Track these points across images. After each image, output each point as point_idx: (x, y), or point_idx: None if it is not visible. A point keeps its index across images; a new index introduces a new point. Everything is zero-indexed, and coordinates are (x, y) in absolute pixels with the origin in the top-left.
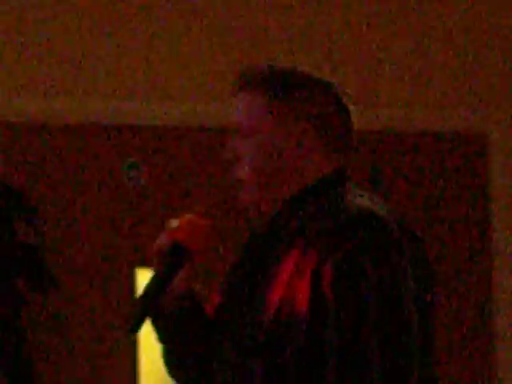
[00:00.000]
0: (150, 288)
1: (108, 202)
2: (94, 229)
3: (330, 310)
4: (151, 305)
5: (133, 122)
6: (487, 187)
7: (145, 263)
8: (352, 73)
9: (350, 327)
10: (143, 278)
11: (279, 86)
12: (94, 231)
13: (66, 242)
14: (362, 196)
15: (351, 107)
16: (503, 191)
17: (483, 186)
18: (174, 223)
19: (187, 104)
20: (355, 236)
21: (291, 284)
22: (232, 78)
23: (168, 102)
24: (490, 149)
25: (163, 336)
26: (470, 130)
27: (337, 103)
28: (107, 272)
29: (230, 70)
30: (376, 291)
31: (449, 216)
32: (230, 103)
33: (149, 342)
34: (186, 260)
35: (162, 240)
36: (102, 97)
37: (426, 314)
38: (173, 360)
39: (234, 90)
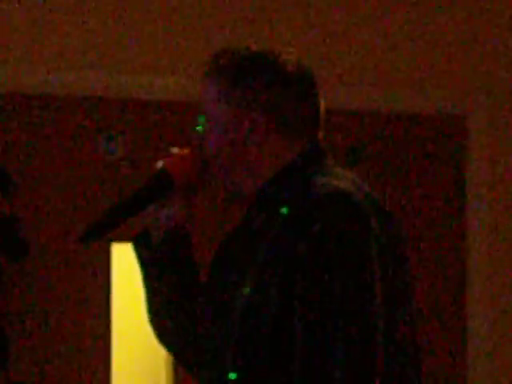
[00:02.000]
0: (120, 203)
1: (84, 174)
2: (69, 202)
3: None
4: (116, 219)
5: (111, 95)
6: (465, 169)
7: (120, 238)
8: (333, 52)
9: (315, 311)
10: (118, 252)
11: (234, 74)
12: (70, 204)
13: (41, 214)
14: (337, 175)
15: (316, 90)
16: (481, 173)
17: (461, 168)
18: (171, 153)
19: (167, 77)
20: (322, 219)
21: (264, 272)
22: (209, 52)
23: (148, 75)
24: (469, 131)
25: (148, 274)
26: (449, 111)
27: (298, 88)
28: (82, 246)
29: (209, 44)
30: (341, 273)
31: (426, 198)
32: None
33: (122, 314)
34: (167, 187)
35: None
36: (80, 68)
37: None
38: (153, 305)
39: (201, 76)
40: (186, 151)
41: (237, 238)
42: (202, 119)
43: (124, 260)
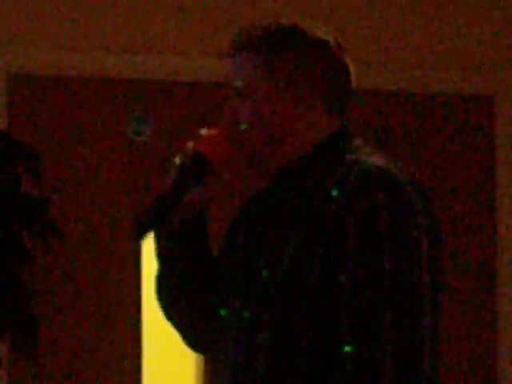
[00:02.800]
0: (164, 195)
1: (114, 157)
2: (98, 183)
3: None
4: (164, 212)
5: (139, 76)
6: (494, 149)
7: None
8: (359, 33)
9: (365, 288)
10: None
11: (276, 46)
12: (99, 186)
13: (72, 197)
14: (373, 154)
15: (350, 65)
16: (510, 153)
17: (489, 148)
18: (201, 135)
19: (195, 59)
20: (371, 196)
21: (305, 245)
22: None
23: (175, 56)
24: (497, 111)
25: (163, 252)
26: (476, 92)
27: (336, 62)
28: (112, 228)
29: (237, 24)
30: (391, 254)
31: (455, 179)
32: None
33: (152, 299)
34: (206, 171)
35: (185, 151)
36: (108, 50)
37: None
38: (167, 286)
39: (231, 50)
40: (215, 131)
41: (266, 207)
42: (235, 96)
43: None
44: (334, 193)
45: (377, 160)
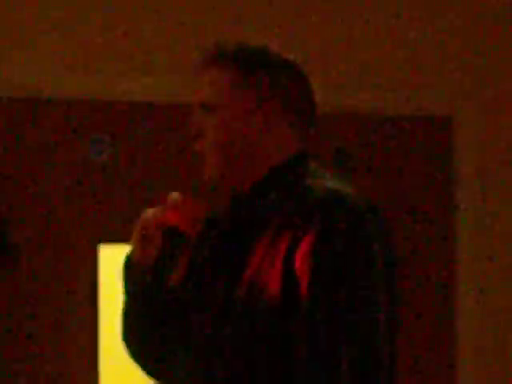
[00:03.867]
0: (153, 267)
1: (72, 177)
2: (57, 204)
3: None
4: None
5: (98, 97)
6: (451, 170)
7: (107, 239)
8: (318, 55)
9: (321, 307)
10: (106, 254)
11: (247, 63)
12: (58, 206)
13: (29, 216)
14: (330, 178)
15: (313, 88)
16: (467, 174)
17: (448, 169)
18: (174, 202)
19: (155, 79)
20: (326, 217)
21: (263, 265)
22: (199, 53)
23: (135, 76)
24: (455, 131)
25: (134, 298)
26: (435, 112)
27: (302, 84)
28: (70, 247)
29: (199, 45)
30: (348, 272)
31: (413, 200)
32: (197, 78)
33: (110, 321)
34: (184, 243)
35: (160, 218)
36: (68, 70)
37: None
38: (131, 329)
39: (202, 65)
40: (186, 198)
41: (226, 228)
42: (200, 115)
43: (111, 261)
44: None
45: (333, 184)
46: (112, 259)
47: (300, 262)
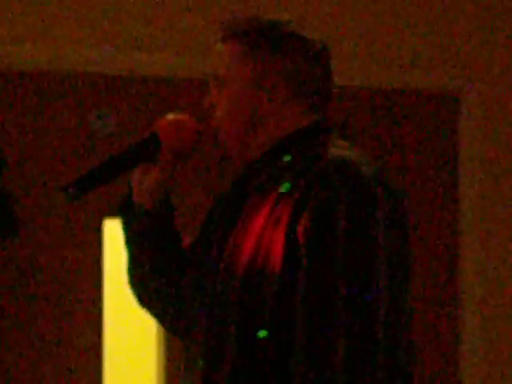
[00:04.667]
0: (107, 161)
1: (76, 151)
2: (61, 178)
3: (303, 263)
4: (99, 175)
5: (103, 71)
6: (458, 146)
7: (112, 213)
8: (326, 29)
9: (318, 281)
10: (111, 228)
11: (259, 37)
12: (62, 180)
13: (33, 190)
14: (343, 147)
15: (331, 66)
16: (473, 151)
17: (454, 145)
18: (165, 118)
19: (160, 55)
20: (329, 187)
21: (265, 233)
22: (207, 30)
23: (140, 51)
24: (462, 108)
25: (130, 238)
26: (442, 88)
27: (316, 60)
28: (74, 222)
29: (206, 22)
30: (347, 244)
31: (419, 177)
32: (202, 55)
33: (114, 298)
34: (154, 149)
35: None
36: (71, 44)
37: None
38: (136, 272)
39: (216, 39)
40: (182, 117)
41: (232, 201)
42: (213, 88)
43: (116, 236)
44: (286, 187)
45: (346, 153)
46: (117, 233)
47: (301, 236)
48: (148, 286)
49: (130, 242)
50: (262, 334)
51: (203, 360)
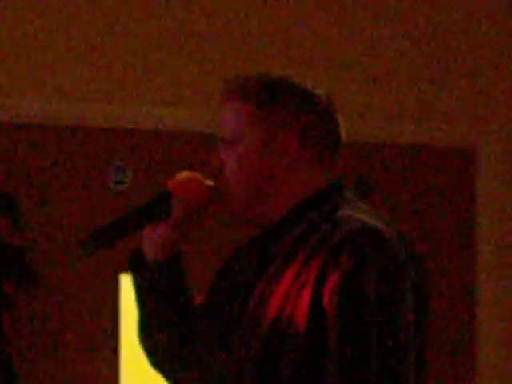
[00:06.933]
0: (120, 218)
1: (93, 205)
2: (78, 232)
3: (330, 327)
4: (112, 232)
5: (120, 126)
6: (475, 201)
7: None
8: (342, 84)
9: (348, 347)
10: (127, 283)
11: (266, 95)
12: (79, 234)
13: (50, 245)
14: (363, 210)
15: (339, 118)
16: (490, 204)
17: (471, 200)
18: (179, 176)
19: (175, 109)
20: (357, 253)
21: (290, 296)
22: (220, 83)
23: (155, 106)
24: (479, 162)
25: (140, 292)
26: (458, 143)
27: (325, 114)
28: (91, 277)
29: (219, 76)
30: (375, 312)
31: (436, 230)
32: (217, 109)
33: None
34: (169, 207)
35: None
36: (89, 99)
37: (423, 337)
38: (147, 331)
39: (221, 99)
40: (194, 174)
41: (251, 261)
42: (222, 146)
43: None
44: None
45: (364, 217)
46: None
47: (328, 298)
48: (157, 343)
49: (140, 297)
50: None
51: None
